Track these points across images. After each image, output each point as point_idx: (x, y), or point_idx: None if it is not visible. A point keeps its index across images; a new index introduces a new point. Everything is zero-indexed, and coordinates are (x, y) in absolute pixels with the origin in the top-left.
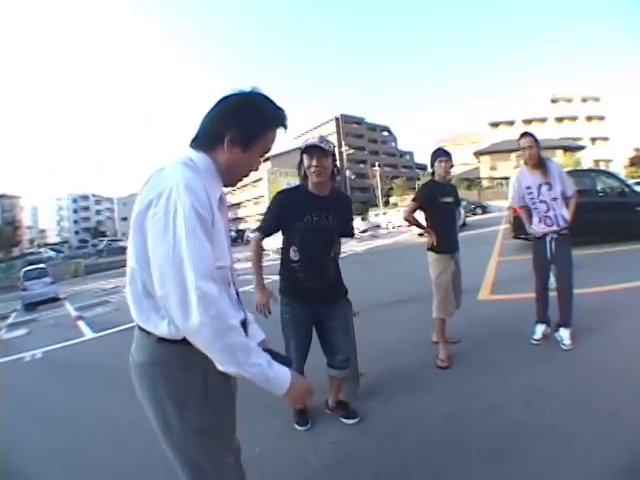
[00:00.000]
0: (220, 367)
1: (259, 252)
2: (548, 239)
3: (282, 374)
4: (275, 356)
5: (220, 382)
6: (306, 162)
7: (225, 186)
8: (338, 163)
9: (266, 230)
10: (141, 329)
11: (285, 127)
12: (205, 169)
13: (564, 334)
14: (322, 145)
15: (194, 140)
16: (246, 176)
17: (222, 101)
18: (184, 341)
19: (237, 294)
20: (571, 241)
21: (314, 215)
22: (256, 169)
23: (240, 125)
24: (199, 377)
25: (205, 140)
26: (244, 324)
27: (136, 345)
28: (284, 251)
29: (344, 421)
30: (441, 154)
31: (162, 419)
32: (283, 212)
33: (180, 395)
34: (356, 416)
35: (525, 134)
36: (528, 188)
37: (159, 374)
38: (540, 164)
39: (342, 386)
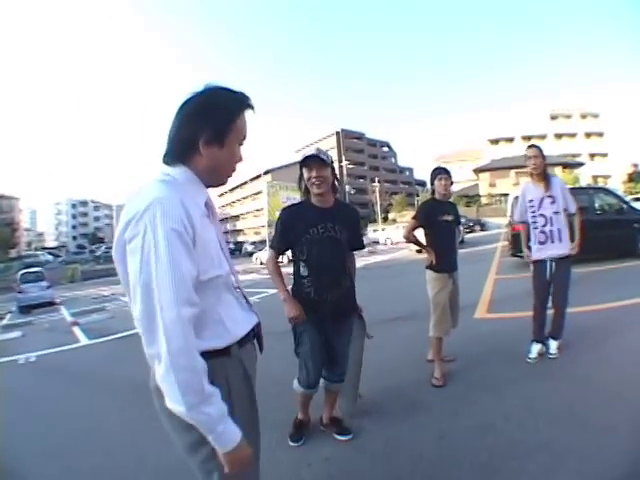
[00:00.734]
0: (168, 403)
1: (276, 268)
2: (549, 261)
3: (232, 432)
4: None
5: (242, 387)
6: (306, 174)
7: (217, 186)
8: (338, 176)
9: (280, 247)
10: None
11: (252, 108)
12: (185, 180)
13: (552, 344)
14: (320, 155)
15: (166, 155)
16: (234, 170)
17: (182, 108)
18: (204, 356)
19: (245, 298)
20: (572, 263)
21: (319, 227)
22: (240, 159)
23: (208, 124)
24: (223, 391)
25: (178, 151)
26: (257, 327)
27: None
28: (295, 268)
29: (337, 437)
30: (441, 172)
31: (188, 437)
32: (289, 228)
33: None
34: (349, 433)
35: (532, 146)
36: (530, 201)
37: None
38: (544, 176)
39: (337, 402)
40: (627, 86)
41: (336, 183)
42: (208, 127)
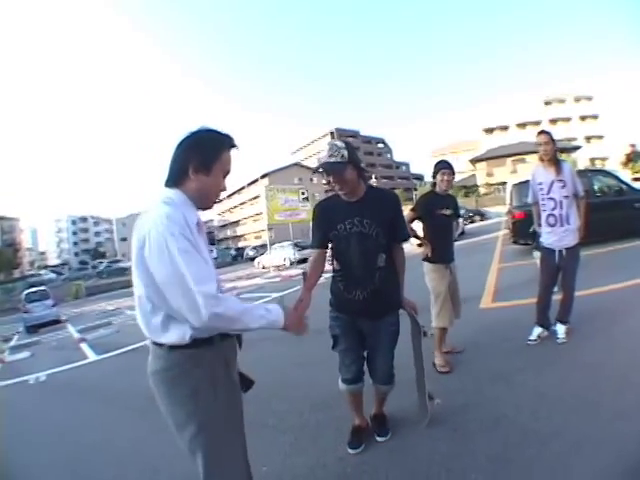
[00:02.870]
0: (240, 331)
1: (312, 266)
2: (557, 250)
3: (277, 314)
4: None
5: (225, 376)
6: (324, 178)
7: (203, 209)
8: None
9: (316, 244)
10: (154, 343)
11: (236, 147)
12: (180, 202)
13: (560, 329)
14: (332, 160)
15: (167, 181)
16: (218, 197)
17: (181, 144)
18: (192, 345)
19: None
20: (580, 250)
21: (347, 222)
22: (224, 189)
23: (198, 155)
24: (207, 374)
25: (174, 177)
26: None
27: (151, 357)
28: (332, 262)
29: (376, 437)
30: (444, 167)
31: (178, 415)
32: (320, 224)
33: (193, 390)
34: (386, 434)
35: (542, 132)
36: (540, 184)
37: (173, 376)
38: (555, 161)
39: (383, 401)
40: (619, 67)
41: (363, 174)
42: (198, 157)
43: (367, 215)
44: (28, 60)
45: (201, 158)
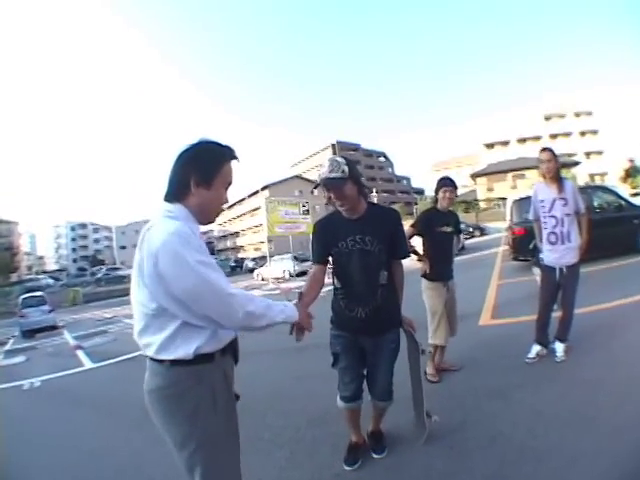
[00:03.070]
0: (265, 327)
1: (310, 278)
2: (558, 268)
3: (292, 309)
4: None
5: (225, 391)
6: (325, 194)
7: (207, 224)
8: (362, 180)
9: (316, 259)
10: (153, 359)
11: (236, 159)
12: (183, 216)
13: (559, 347)
14: (332, 175)
15: (167, 195)
16: (220, 211)
17: (180, 156)
18: (193, 361)
19: None
20: (580, 268)
21: (349, 240)
22: (225, 201)
23: (199, 168)
24: (208, 391)
25: (175, 192)
26: (235, 341)
27: (149, 375)
28: (332, 279)
29: (372, 454)
30: (446, 184)
31: (178, 433)
32: (323, 238)
33: (194, 408)
34: (383, 451)
35: (545, 149)
36: (542, 201)
37: (173, 394)
38: (557, 179)
39: (381, 417)
40: (619, 81)
41: (364, 191)
42: (199, 171)
43: (368, 232)
44: (28, 63)
45: (202, 172)
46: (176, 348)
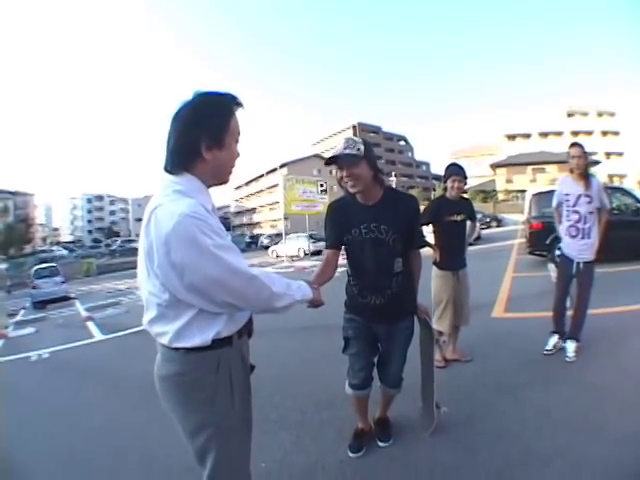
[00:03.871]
0: (286, 308)
1: (325, 264)
2: (575, 261)
3: (306, 287)
4: None
5: (242, 373)
6: (337, 174)
7: (220, 184)
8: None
9: (329, 244)
10: (166, 346)
11: (241, 105)
12: (194, 190)
13: (570, 346)
14: (347, 152)
15: (169, 164)
16: (234, 167)
17: (176, 118)
18: (211, 346)
19: None
20: (595, 267)
21: (362, 227)
22: (238, 155)
23: (206, 130)
24: (226, 377)
25: (182, 160)
26: (249, 321)
27: (161, 360)
28: (347, 264)
29: (378, 442)
30: (455, 172)
31: (193, 420)
32: (336, 224)
33: (210, 395)
34: (389, 439)
35: (575, 144)
36: (567, 195)
37: (190, 381)
38: (585, 175)
39: (388, 404)
40: None
41: (379, 175)
42: (206, 133)
43: (384, 220)
44: (42, 39)
45: (212, 132)
46: (192, 336)
